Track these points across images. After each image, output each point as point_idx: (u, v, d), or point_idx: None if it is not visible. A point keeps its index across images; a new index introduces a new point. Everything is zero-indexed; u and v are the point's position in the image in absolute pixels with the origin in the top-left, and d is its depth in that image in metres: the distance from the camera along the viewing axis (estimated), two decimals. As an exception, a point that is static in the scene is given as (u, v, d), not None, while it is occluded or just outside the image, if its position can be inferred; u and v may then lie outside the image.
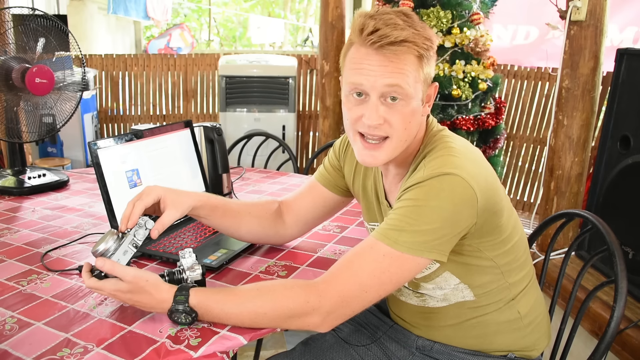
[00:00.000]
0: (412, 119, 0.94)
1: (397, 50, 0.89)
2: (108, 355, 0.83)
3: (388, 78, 0.90)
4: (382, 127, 0.93)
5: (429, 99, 0.98)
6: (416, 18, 0.93)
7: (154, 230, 0.99)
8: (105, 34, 6.58)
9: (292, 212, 1.21)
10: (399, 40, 0.88)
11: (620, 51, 2.16)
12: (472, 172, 0.90)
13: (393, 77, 0.89)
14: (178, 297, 0.90)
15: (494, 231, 0.96)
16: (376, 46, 0.89)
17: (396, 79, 0.90)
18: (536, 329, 1.07)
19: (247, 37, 9.65)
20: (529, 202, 3.53)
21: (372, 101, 0.92)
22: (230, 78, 3.72)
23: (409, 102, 0.92)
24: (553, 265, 2.37)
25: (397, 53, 0.89)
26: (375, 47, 0.89)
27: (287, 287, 0.92)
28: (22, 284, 1.06)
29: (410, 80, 0.91)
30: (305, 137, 4.17)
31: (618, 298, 1.00)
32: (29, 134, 1.74)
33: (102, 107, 4.04)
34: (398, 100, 0.91)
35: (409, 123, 0.94)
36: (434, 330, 1.06)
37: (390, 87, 0.90)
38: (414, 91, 0.92)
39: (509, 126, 3.51)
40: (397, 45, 0.88)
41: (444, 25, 2.69)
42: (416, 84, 0.92)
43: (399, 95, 0.91)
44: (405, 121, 0.93)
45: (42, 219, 1.46)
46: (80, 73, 1.80)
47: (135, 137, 1.30)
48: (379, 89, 0.91)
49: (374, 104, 0.92)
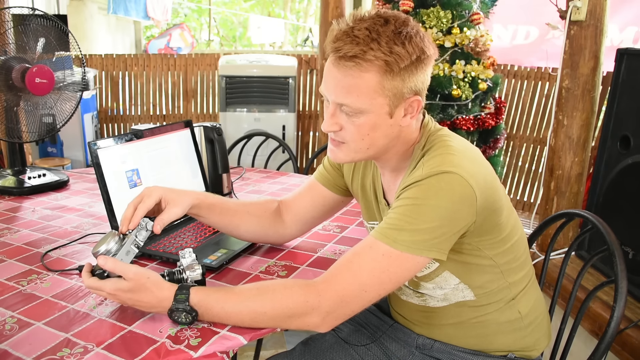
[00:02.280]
0: (372, 132, 0.93)
1: (346, 65, 0.88)
2: (108, 355, 0.83)
3: (338, 95, 0.91)
4: (339, 133, 0.96)
5: (411, 110, 0.95)
6: (394, 27, 0.88)
7: (156, 226, 1.01)
8: (105, 34, 6.58)
9: (291, 211, 1.21)
10: (349, 56, 0.87)
11: (620, 51, 2.16)
12: (471, 170, 0.89)
13: (342, 96, 0.91)
14: (179, 296, 0.90)
15: (494, 229, 0.96)
16: (332, 58, 0.90)
17: (344, 99, 0.91)
18: (536, 329, 1.07)
19: (247, 37, 9.65)
20: (529, 202, 3.53)
21: (330, 108, 0.95)
22: (230, 78, 3.72)
23: (365, 116, 0.92)
24: (553, 265, 2.37)
25: (348, 67, 0.88)
26: (332, 57, 0.91)
27: (287, 287, 0.92)
28: (22, 284, 1.06)
29: (362, 97, 0.89)
30: (305, 137, 4.17)
31: (618, 298, 1.00)
32: (29, 134, 1.74)
33: (102, 107, 4.04)
34: (352, 114, 0.92)
35: (367, 135, 0.94)
36: (435, 328, 1.06)
37: (339, 104, 0.92)
38: (370, 107, 0.90)
39: (509, 126, 3.51)
40: (346, 61, 0.88)
41: (444, 25, 2.69)
42: (374, 99, 0.90)
43: (349, 111, 0.92)
44: (360, 132, 0.94)
45: (42, 219, 1.46)
46: (80, 73, 1.80)
47: (135, 137, 1.30)
48: (333, 102, 0.93)
49: (331, 111, 0.95)
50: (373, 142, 0.95)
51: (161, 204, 1.05)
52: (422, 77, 0.93)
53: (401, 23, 0.89)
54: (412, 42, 0.88)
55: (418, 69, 0.91)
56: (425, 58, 0.91)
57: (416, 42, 0.89)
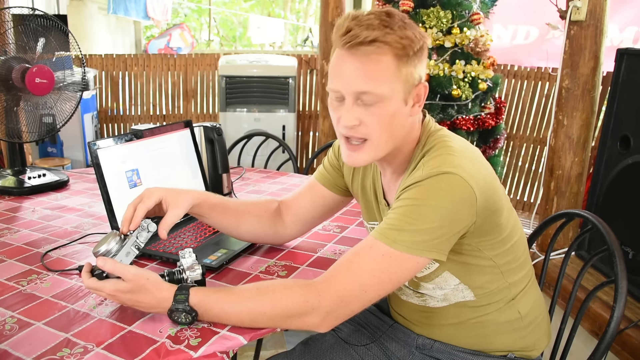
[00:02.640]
0: (392, 121, 0.93)
1: (367, 50, 0.88)
2: (108, 355, 0.83)
3: (358, 84, 0.90)
4: (359, 128, 0.93)
5: (418, 99, 0.96)
6: (399, 18, 0.91)
7: (161, 231, 1.00)
8: (105, 34, 6.58)
9: (291, 211, 1.21)
10: (369, 40, 0.87)
11: (620, 51, 2.16)
12: (471, 171, 0.90)
13: (363, 83, 0.90)
14: (178, 296, 0.90)
15: (494, 230, 0.96)
16: (347, 47, 0.89)
17: (365, 86, 0.90)
18: (536, 329, 1.07)
19: (247, 37, 9.64)
20: (529, 202, 3.53)
21: (347, 103, 0.93)
22: (230, 78, 3.72)
23: (385, 104, 0.91)
24: (553, 265, 2.37)
25: (367, 53, 0.88)
26: (347, 48, 0.89)
27: (286, 287, 0.92)
28: (22, 284, 1.06)
29: (383, 82, 0.90)
30: (305, 137, 4.17)
31: (618, 298, 1.00)
32: (29, 134, 1.74)
33: (102, 107, 4.04)
34: (372, 103, 0.91)
35: (388, 125, 0.93)
36: (435, 328, 1.07)
37: (360, 93, 0.91)
38: (390, 92, 0.91)
39: (509, 126, 3.51)
40: (367, 45, 0.88)
41: (444, 25, 2.69)
42: (393, 84, 0.91)
43: (372, 99, 0.91)
44: (382, 123, 0.93)
45: (42, 219, 1.46)
46: (80, 73, 1.80)
47: (135, 137, 1.30)
48: (352, 94, 0.91)
49: (349, 106, 0.93)
50: (392, 134, 0.95)
51: (162, 206, 1.04)
52: (424, 64, 0.96)
53: (402, 15, 0.93)
54: (416, 30, 0.92)
55: (423, 55, 0.94)
56: (426, 46, 0.95)
57: (419, 30, 0.94)
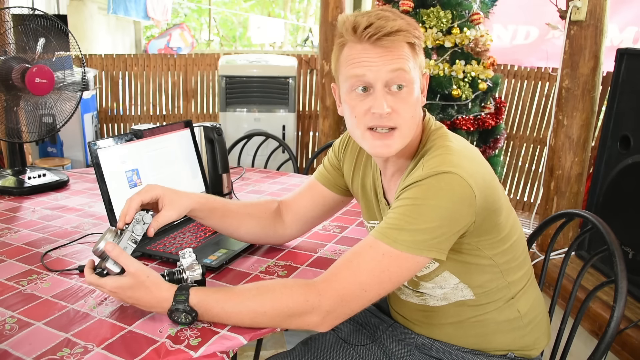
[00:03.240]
0: (417, 107, 0.97)
1: (393, 39, 0.91)
2: (108, 355, 0.83)
3: (391, 64, 0.91)
4: (391, 116, 0.93)
5: (423, 88, 1.00)
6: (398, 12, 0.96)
7: (150, 229, 1.00)
8: (105, 34, 6.58)
9: (291, 211, 1.21)
10: (395, 30, 0.90)
11: (620, 51, 2.16)
12: (470, 170, 0.90)
13: (395, 62, 0.91)
14: (178, 297, 0.90)
15: (493, 229, 0.96)
16: (373, 39, 0.90)
17: (399, 63, 0.92)
18: (536, 328, 1.07)
19: (247, 37, 9.64)
20: (529, 202, 3.53)
21: (378, 91, 0.92)
22: (230, 78, 3.72)
23: (412, 89, 0.94)
24: (553, 265, 2.37)
25: (394, 42, 0.91)
26: (372, 40, 0.90)
27: (287, 287, 0.92)
28: (22, 284, 1.06)
29: (409, 68, 0.93)
30: (305, 137, 4.17)
31: (618, 298, 1.00)
32: (29, 134, 1.74)
33: (102, 107, 4.04)
34: (403, 87, 0.93)
35: (415, 111, 0.96)
36: (434, 328, 1.07)
37: (394, 72, 0.91)
38: (414, 77, 0.95)
39: (509, 126, 3.51)
40: (393, 35, 0.90)
41: (444, 25, 2.69)
42: (414, 70, 0.95)
43: (403, 82, 0.92)
44: (411, 109, 0.95)
45: (42, 219, 1.46)
46: (80, 73, 1.80)
47: (135, 137, 1.30)
48: (384, 78, 0.91)
49: (381, 94, 0.92)
50: (415, 122, 0.97)
51: (159, 204, 1.04)
52: None
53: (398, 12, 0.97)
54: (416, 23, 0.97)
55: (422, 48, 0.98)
56: None
57: None
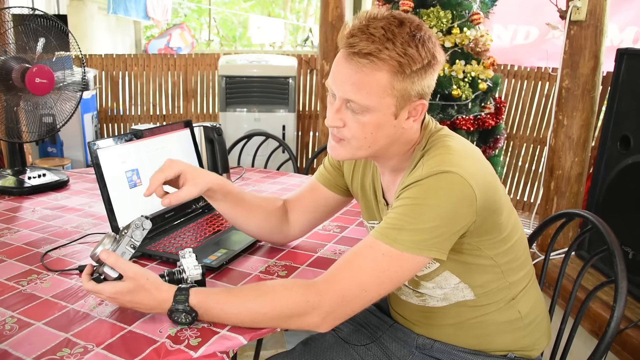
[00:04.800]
0: (376, 131, 0.93)
1: (360, 62, 0.88)
2: (108, 355, 0.83)
3: (347, 90, 0.91)
4: (341, 130, 0.95)
5: (415, 114, 0.95)
6: (409, 30, 0.89)
7: (165, 199, 1.02)
8: (105, 34, 6.58)
9: (295, 211, 1.21)
10: (363, 52, 0.87)
11: (620, 51, 2.16)
12: (471, 170, 0.90)
13: (351, 90, 0.90)
14: (178, 297, 0.90)
15: (494, 229, 0.96)
16: (345, 53, 0.90)
17: (353, 94, 0.90)
18: (536, 328, 1.07)
19: (247, 37, 9.64)
20: (529, 202, 3.53)
21: (335, 103, 0.94)
22: (230, 78, 3.72)
23: (371, 115, 0.92)
24: (553, 265, 2.37)
25: (361, 65, 0.88)
26: (346, 53, 0.90)
27: (287, 287, 0.92)
28: (22, 284, 1.06)
29: (372, 95, 0.90)
30: (305, 137, 4.17)
31: (618, 298, 1.00)
32: (29, 134, 1.74)
33: (102, 107, 4.04)
34: (358, 112, 0.92)
35: (370, 134, 0.94)
36: (435, 328, 1.06)
37: (346, 100, 0.92)
38: (378, 105, 0.90)
39: (509, 126, 3.51)
40: (360, 57, 0.88)
41: (444, 25, 2.69)
42: (383, 98, 0.90)
43: (356, 108, 0.92)
44: (364, 131, 0.93)
45: (42, 219, 1.46)
46: (80, 73, 1.80)
47: (135, 137, 1.30)
48: (342, 95, 0.93)
49: (336, 107, 0.94)
50: (374, 141, 0.95)
51: (180, 180, 1.07)
52: (429, 81, 0.93)
53: (415, 26, 0.90)
54: (425, 46, 0.90)
55: (427, 73, 0.92)
56: (435, 63, 0.92)
57: (429, 47, 0.90)
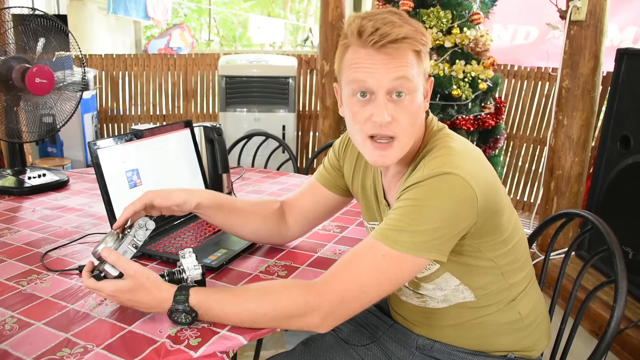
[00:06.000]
0: (418, 115, 0.95)
1: (398, 47, 0.89)
2: (108, 355, 0.83)
3: (394, 72, 0.90)
4: (391, 125, 0.92)
5: (427, 93, 0.99)
6: (407, 15, 0.95)
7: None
8: (105, 34, 6.58)
9: (293, 212, 1.21)
10: (401, 37, 0.89)
11: (620, 51, 2.16)
12: (472, 171, 0.89)
13: (399, 70, 0.90)
14: (178, 297, 0.90)
15: (495, 231, 0.95)
16: (378, 46, 0.89)
17: (402, 72, 0.90)
18: (536, 329, 1.07)
19: (247, 37, 9.63)
20: (529, 202, 3.53)
21: (379, 99, 0.91)
22: (230, 78, 3.72)
23: (414, 97, 0.93)
24: (553, 265, 2.37)
25: (398, 50, 0.90)
26: (377, 47, 0.89)
27: (287, 288, 0.92)
28: (22, 284, 1.06)
29: (413, 73, 0.92)
30: (305, 137, 4.17)
31: (618, 298, 1.00)
32: (29, 134, 1.74)
33: (102, 107, 4.04)
34: (404, 95, 0.92)
35: (416, 120, 0.95)
36: (435, 329, 1.06)
37: (397, 80, 0.90)
38: (418, 83, 0.93)
39: (509, 126, 3.51)
40: (399, 43, 0.89)
41: (444, 25, 2.69)
42: (418, 77, 0.93)
43: (405, 90, 0.91)
44: (412, 118, 0.93)
45: (42, 219, 1.46)
46: (80, 73, 1.80)
47: (135, 137, 1.30)
48: (386, 85, 0.90)
49: (382, 101, 0.91)
50: (415, 130, 0.96)
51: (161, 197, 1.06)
52: None
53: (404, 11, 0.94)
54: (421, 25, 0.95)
55: (428, 52, 0.97)
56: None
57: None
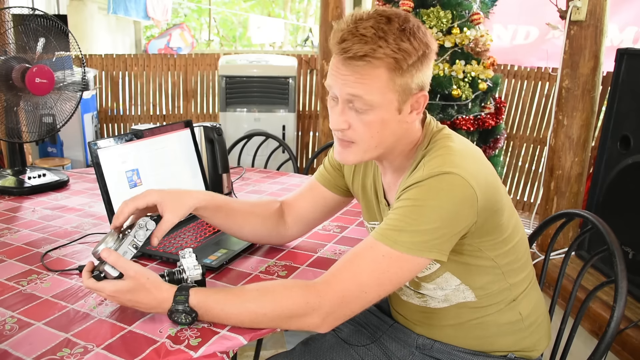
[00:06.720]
0: (382, 128, 0.93)
1: (357, 64, 0.88)
2: (108, 355, 0.83)
3: (349, 88, 0.90)
4: (347, 132, 0.94)
5: (417, 106, 0.95)
6: (398, 25, 0.89)
7: (153, 238, 0.99)
8: (105, 34, 6.58)
9: (293, 212, 1.21)
10: (359, 55, 0.87)
11: (620, 51, 2.16)
12: (472, 171, 0.89)
13: (354, 87, 0.90)
14: (178, 297, 0.90)
15: (495, 230, 0.95)
16: (340, 58, 0.90)
17: (356, 90, 0.90)
18: (537, 330, 1.07)
19: (247, 37, 9.63)
20: (529, 202, 3.53)
21: (338, 106, 0.94)
22: (230, 78, 3.72)
23: (375, 112, 0.91)
24: (553, 265, 2.37)
25: (357, 67, 0.88)
26: (342, 58, 0.90)
27: (287, 288, 0.92)
28: (22, 284, 1.06)
29: (374, 92, 0.89)
30: (305, 137, 4.17)
31: (618, 298, 1.00)
32: (29, 134, 1.74)
33: (102, 107, 4.04)
34: (361, 110, 0.91)
35: (377, 131, 0.93)
36: (435, 328, 1.06)
37: (349, 95, 0.91)
38: (381, 101, 0.90)
39: (509, 126, 3.51)
40: (357, 60, 0.88)
41: (444, 25, 2.69)
42: (385, 94, 0.90)
43: (361, 106, 0.91)
44: (370, 130, 0.93)
45: (42, 219, 1.46)
46: (80, 73, 1.80)
47: (135, 137, 1.30)
48: (343, 96, 0.92)
49: (339, 109, 0.93)
50: (381, 140, 0.95)
51: (158, 209, 1.02)
52: (427, 72, 0.94)
53: (403, 20, 0.90)
54: (416, 38, 0.89)
55: (423, 64, 0.92)
56: (430, 52, 0.92)
57: (420, 37, 0.90)
